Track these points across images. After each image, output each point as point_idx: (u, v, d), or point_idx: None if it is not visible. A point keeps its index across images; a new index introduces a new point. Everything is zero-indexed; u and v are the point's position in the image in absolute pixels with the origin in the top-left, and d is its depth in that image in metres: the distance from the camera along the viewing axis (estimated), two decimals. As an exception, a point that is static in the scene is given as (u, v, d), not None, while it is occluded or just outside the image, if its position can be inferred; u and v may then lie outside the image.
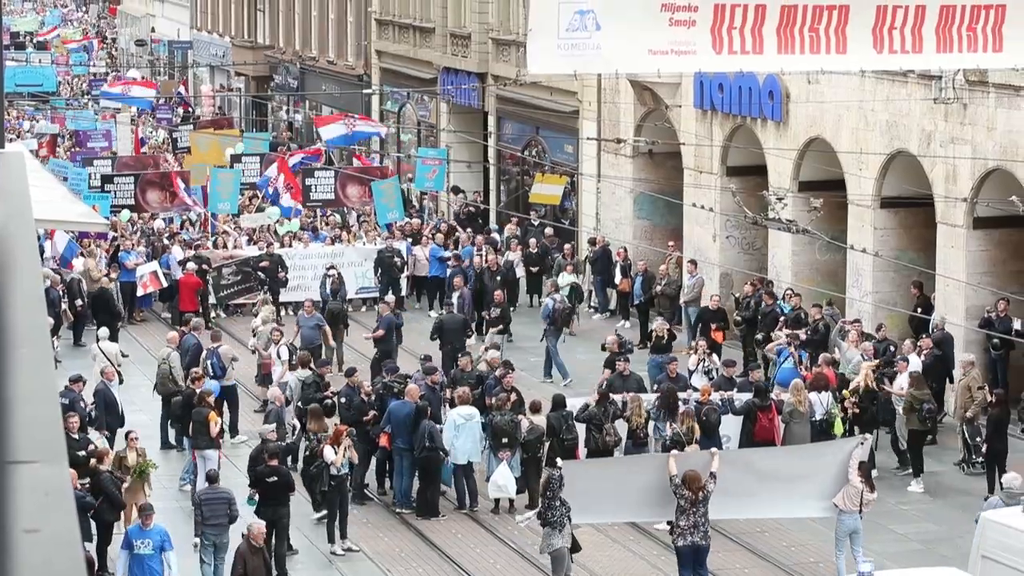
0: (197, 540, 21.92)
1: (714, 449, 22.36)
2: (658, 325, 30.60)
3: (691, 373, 28.18)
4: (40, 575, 2.98)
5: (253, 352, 31.44)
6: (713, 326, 30.34)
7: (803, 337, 29.08)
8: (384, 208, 40.51)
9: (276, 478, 22.32)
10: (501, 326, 32.96)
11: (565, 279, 35.43)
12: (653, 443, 25.28)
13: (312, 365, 27.38)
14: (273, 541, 22.17)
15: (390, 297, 34.29)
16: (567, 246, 38.23)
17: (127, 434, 23.92)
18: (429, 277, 38.71)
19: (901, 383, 26.24)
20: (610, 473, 21.69)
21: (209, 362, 28.36)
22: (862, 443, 22.04)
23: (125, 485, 22.53)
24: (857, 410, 25.76)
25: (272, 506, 22.20)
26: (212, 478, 22.42)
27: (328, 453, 23.13)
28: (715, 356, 28.60)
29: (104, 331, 31.72)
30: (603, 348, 29.14)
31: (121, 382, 28.07)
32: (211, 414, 24.84)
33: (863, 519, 21.51)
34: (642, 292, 35.45)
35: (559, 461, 21.81)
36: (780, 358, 28.60)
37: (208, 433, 24.81)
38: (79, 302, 34.54)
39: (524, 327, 35.62)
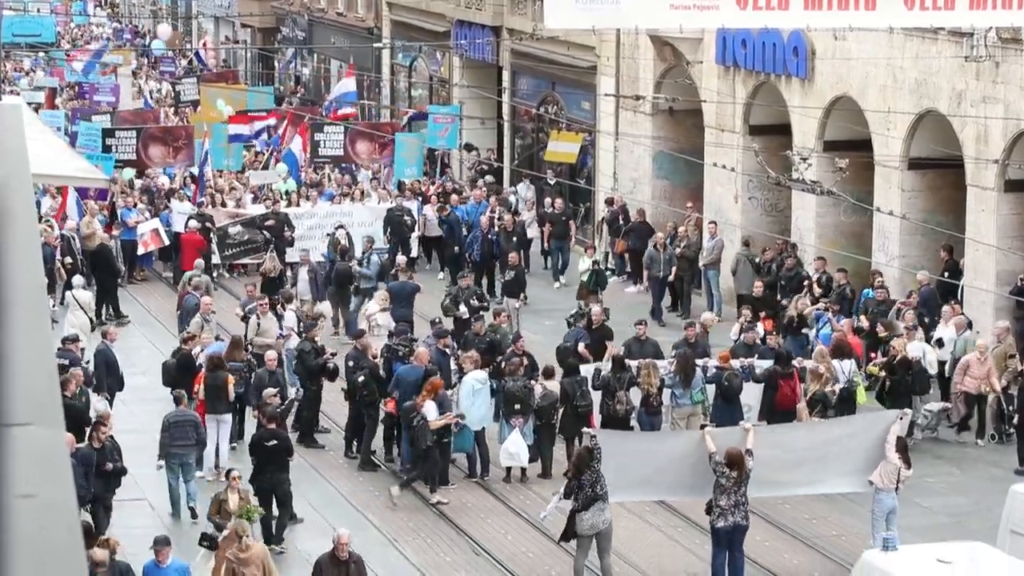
0: (162, 463, 22.90)
1: (748, 424, 21.70)
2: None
3: (734, 343, 27.29)
4: (36, 541, 3.04)
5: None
6: (762, 314, 29.11)
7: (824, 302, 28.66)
8: (403, 162, 39.67)
9: (275, 442, 21.80)
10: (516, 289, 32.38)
11: (584, 263, 34.24)
12: (668, 412, 24.56)
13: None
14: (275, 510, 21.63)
15: (401, 258, 33.30)
16: (581, 208, 37.23)
17: (228, 472, 21.16)
18: (443, 238, 37.57)
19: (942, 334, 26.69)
20: (643, 448, 20.99)
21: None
22: (901, 418, 21.40)
23: (224, 533, 19.40)
24: (889, 381, 25.27)
25: (271, 472, 21.64)
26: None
27: (429, 408, 22.81)
28: (759, 325, 27.62)
29: (79, 279, 30.86)
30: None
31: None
32: (228, 377, 24.32)
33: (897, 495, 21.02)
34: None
35: (590, 431, 21.21)
36: (819, 324, 28.01)
37: (226, 398, 24.33)
38: (68, 260, 33.46)
39: (539, 290, 35.20)
